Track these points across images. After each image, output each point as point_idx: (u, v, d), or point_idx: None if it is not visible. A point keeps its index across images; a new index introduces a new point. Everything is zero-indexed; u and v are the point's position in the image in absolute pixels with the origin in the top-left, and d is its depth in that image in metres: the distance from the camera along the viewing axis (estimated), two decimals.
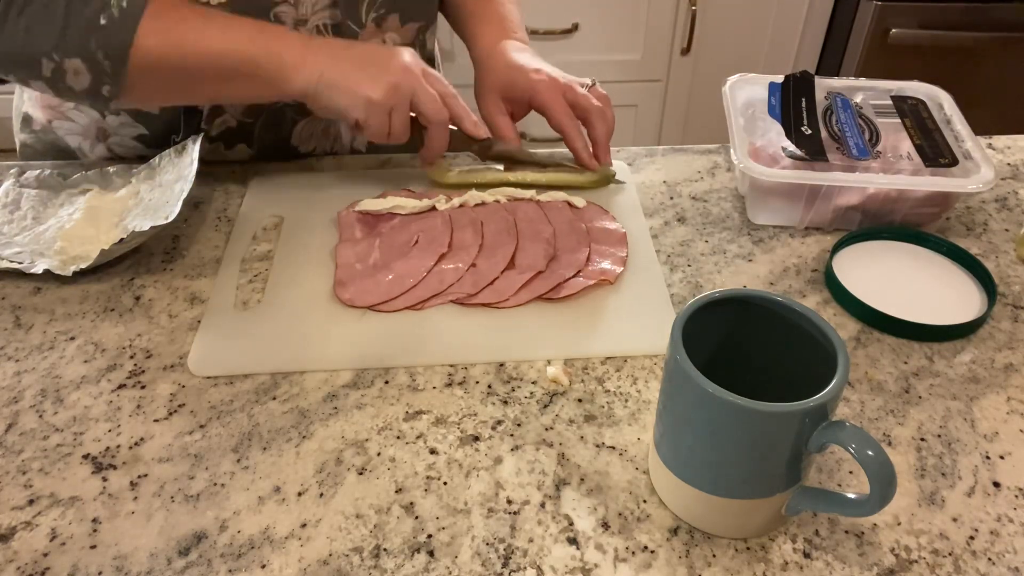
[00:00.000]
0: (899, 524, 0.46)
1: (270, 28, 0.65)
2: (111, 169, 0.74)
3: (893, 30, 1.59)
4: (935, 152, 0.67)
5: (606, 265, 0.64)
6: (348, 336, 0.59)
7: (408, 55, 0.67)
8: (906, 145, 0.68)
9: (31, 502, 0.48)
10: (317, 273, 0.64)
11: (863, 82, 0.76)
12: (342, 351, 0.57)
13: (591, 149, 0.73)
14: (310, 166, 0.78)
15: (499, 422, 0.53)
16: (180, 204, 0.65)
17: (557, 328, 0.59)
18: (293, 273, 0.64)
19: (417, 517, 0.47)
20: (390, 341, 0.58)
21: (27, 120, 0.83)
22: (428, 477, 0.49)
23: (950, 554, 0.45)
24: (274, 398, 0.54)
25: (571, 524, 0.47)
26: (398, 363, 0.57)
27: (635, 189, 0.74)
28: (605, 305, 0.61)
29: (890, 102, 0.74)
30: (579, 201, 0.70)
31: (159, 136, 0.78)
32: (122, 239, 0.62)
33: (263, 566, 0.45)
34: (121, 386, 0.56)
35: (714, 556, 0.45)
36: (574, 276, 0.62)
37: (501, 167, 0.75)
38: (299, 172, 0.77)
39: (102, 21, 0.58)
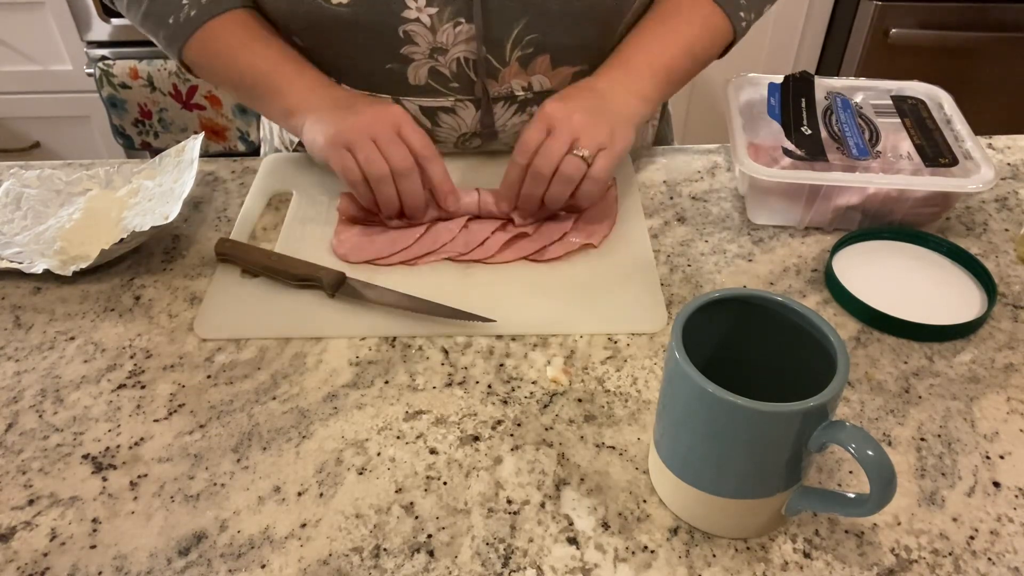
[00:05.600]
0: (899, 524, 0.46)
1: (288, 69, 0.69)
2: (111, 169, 0.74)
3: (893, 30, 1.59)
4: (935, 152, 0.67)
5: (592, 229, 0.67)
6: (350, 303, 0.61)
7: (385, 111, 0.64)
8: (906, 145, 0.68)
9: (31, 502, 0.48)
10: (321, 246, 0.67)
11: (863, 82, 0.76)
12: (345, 317, 0.60)
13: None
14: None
15: (499, 422, 0.53)
16: (180, 204, 0.65)
17: (548, 302, 0.62)
18: (297, 246, 0.67)
19: (417, 517, 0.47)
20: (390, 310, 0.61)
21: None
22: (428, 477, 0.49)
23: (950, 554, 0.45)
24: (274, 398, 0.54)
25: (571, 524, 0.47)
26: (400, 331, 0.59)
27: (635, 189, 0.74)
28: (596, 288, 0.63)
29: (890, 102, 0.74)
30: None
31: None
32: (122, 239, 0.62)
33: (263, 566, 0.45)
34: (121, 386, 0.56)
35: (714, 556, 0.45)
36: (560, 239, 0.66)
37: None
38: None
39: (170, 21, 0.68)
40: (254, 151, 1.66)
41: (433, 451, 0.51)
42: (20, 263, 0.64)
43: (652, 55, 0.70)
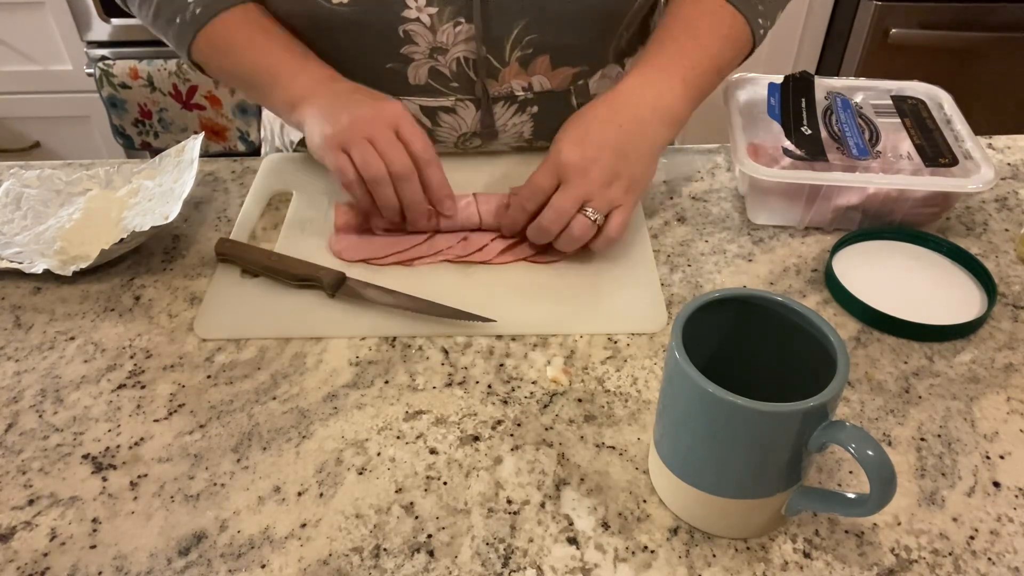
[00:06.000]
0: (899, 524, 0.46)
1: (291, 62, 0.67)
2: (111, 169, 0.74)
3: (893, 30, 1.59)
4: (935, 152, 0.67)
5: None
6: (350, 303, 0.61)
7: (384, 109, 0.62)
8: (906, 145, 0.68)
9: (31, 502, 0.48)
10: (321, 246, 0.67)
11: (863, 82, 0.76)
12: (345, 317, 0.60)
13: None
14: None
15: (499, 422, 0.53)
16: (180, 204, 0.65)
17: (548, 302, 0.62)
18: (297, 246, 0.67)
19: (417, 517, 0.47)
20: (390, 310, 0.61)
21: None
22: (428, 477, 0.49)
23: (950, 554, 0.45)
24: (274, 398, 0.54)
25: (571, 524, 0.47)
26: (400, 331, 0.59)
27: None
28: (596, 288, 0.63)
29: (890, 102, 0.74)
30: None
31: None
32: (122, 239, 0.62)
33: (263, 566, 0.45)
34: (121, 386, 0.56)
35: (714, 556, 0.45)
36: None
37: None
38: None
39: (177, 20, 0.68)
40: (254, 151, 1.66)
41: (433, 451, 0.51)
42: (20, 263, 0.64)
43: (687, 72, 0.65)
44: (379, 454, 0.51)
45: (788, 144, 0.67)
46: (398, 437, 0.52)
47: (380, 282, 0.62)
